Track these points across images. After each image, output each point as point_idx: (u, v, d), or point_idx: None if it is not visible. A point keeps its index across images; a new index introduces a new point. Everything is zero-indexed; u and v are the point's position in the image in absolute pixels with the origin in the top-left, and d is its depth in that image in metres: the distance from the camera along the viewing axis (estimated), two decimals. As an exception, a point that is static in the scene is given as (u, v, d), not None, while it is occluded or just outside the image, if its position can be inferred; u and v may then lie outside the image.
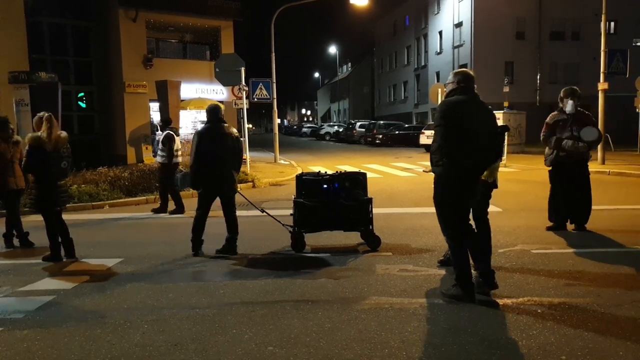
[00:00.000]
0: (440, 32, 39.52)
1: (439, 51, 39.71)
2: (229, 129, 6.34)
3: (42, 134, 5.89)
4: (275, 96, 19.22)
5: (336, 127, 48.39)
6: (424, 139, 26.16)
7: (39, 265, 5.99)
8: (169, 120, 10.50)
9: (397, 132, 33.20)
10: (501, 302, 4.40)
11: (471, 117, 4.38)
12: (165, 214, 9.43)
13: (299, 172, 8.61)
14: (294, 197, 6.42)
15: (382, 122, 38.81)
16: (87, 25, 21.54)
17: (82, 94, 21.82)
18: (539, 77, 34.24)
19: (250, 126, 63.39)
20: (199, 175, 6.22)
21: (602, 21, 16.86)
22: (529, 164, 17.27)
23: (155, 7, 20.85)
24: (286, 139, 47.59)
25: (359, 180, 6.49)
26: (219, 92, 22.68)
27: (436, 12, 40.18)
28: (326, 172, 6.74)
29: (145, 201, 10.84)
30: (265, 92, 17.75)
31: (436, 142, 4.43)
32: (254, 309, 4.38)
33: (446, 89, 4.68)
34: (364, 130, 37.31)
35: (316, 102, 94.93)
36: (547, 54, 34.17)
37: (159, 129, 9.97)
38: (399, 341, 3.66)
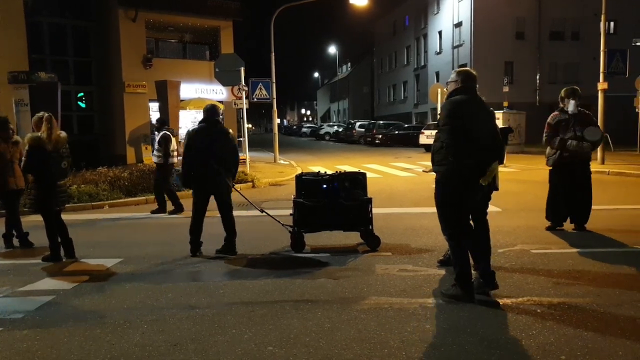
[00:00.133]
0: (439, 32, 39.54)
1: (438, 51, 39.72)
2: (223, 129, 6.32)
3: (42, 134, 5.88)
4: (274, 96, 19.22)
5: (336, 127, 48.42)
6: (423, 139, 26.20)
7: (39, 265, 5.99)
8: (164, 120, 10.49)
9: (396, 132, 33.22)
10: (501, 302, 4.40)
11: (474, 117, 4.37)
12: (164, 214, 9.44)
13: (299, 172, 8.62)
14: (293, 197, 6.42)
15: (381, 122, 38.83)
16: (87, 25, 21.56)
17: (81, 94, 21.83)
18: (538, 77, 34.26)
19: (249, 126, 63.47)
20: (189, 174, 6.24)
21: (601, 21, 16.86)
22: (528, 164, 17.28)
23: (154, 7, 20.86)
24: (286, 139, 47.62)
25: (358, 180, 6.49)
26: (218, 92, 22.69)
27: (436, 12, 40.18)
28: (326, 172, 6.74)
29: (145, 201, 10.83)
30: (264, 92, 17.76)
31: (440, 142, 4.40)
32: (253, 309, 4.38)
33: (448, 88, 4.65)
34: (363, 130, 37.35)
35: (316, 102, 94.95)
36: (547, 54, 34.19)
37: (155, 130, 9.95)
38: (398, 341, 3.66)
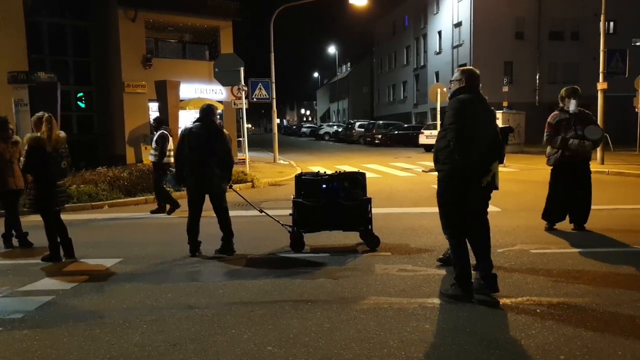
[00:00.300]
0: (439, 32, 39.54)
1: (438, 51, 39.73)
2: (219, 129, 6.29)
3: (42, 134, 5.88)
4: (274, 96, 19.22)
5: (335, 127, 48.44)
6: (423, 139, 26.22)
7: (38, 265, 5.99)
8: (162, 120, 10.46)
9: (396, 132, 33.24)
10: (500, 301, 4.40)
11: (478, 116, 4.38)
12: (163, 214, 9.44)
13: (298, 172, 8.61)
14: (293, 197, 6.42)
15: (381, 122, 38.84)
16: (86, 25, 21.55)
17: (81, 94, 21.83)
18: (538, 77, 34.28)
19: (249, 126, 63.49)
20: (181, 173, 6.27)
21: (601, 21, 16.87)
22: (528, 164, 17.28)
23: (154, 7, 20.84)
24: (285, 139, 47.63)
25: (358, 180, 6.48)
26: (218, 92, 22.67)
27: (435, 12, 40.19)
28: (325, 172, 6.74)
29: (144, 201, 10.83)
30: (264, 92, 17.75)
31: (446, 140, 4.38)
32: (253, 309, 4.38)
33: (451, 87, 4.64)
34: (363, 130, 37.38)
35: (315, 102, 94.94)
36: (547, 53, 34.21)
37: (153, 129, 9.93)
38: (398, 341, 3.66)
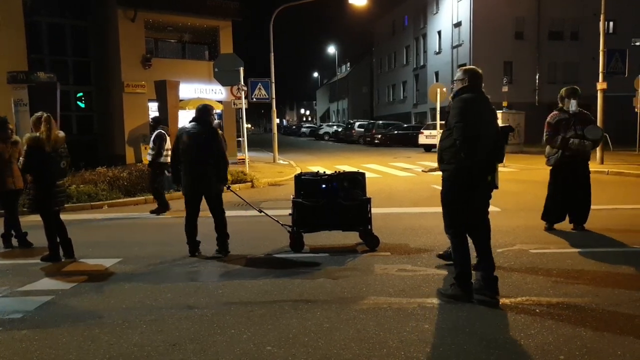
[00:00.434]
0: (439, 32, 39.54)
1: (437, 51, 39.72)
2: (212, 129, 6.26)
3: (41, 134, 5.88)
4: (274, 96, 19.21)
5: (335, 127, 48.41)
6: (422, 139, 26.22)
7: (38, 265, 5.98)
8: (159, 119, 10.44)
9: (396, 132, 33.23)
10: (500, 302, 4.40)
11: (481, 115, 4.39)
12: (163, 214, 9.43)
13: (298, 172, 8.61)
14: (292, 197, 6.42)
15: (381, 122, 38.83)
16: (86, 25, 21.57)
17: (81, 94, 21.85)
18: (538, 77, 34.28)
19: (249, 126, 63.49)
20: (178, 172, 6.30)
21: (601, 21, 16.87)
22: (528, 163, 17.28)
23: (154, 7, 20.85)
24: (285, 139, 47.63)
25: (357, 180, 6.48)
26: (217, 92, 22.68)
27: (435, 12, 40.19)
28: (325, 172, 6.74)
29: (144, 201, 10.83)
30: (264, 92, 17.74)
31: (451, 139, 4.38)
32: (252, 309, 4.38)
33: (454, 87, 4.64)
34: (362, 130, 37.36)
35: (315, 102, 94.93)
36: (546, 53, 34.21)
37: (151, 128, 9.91)
38: (397, 341, 3.66)
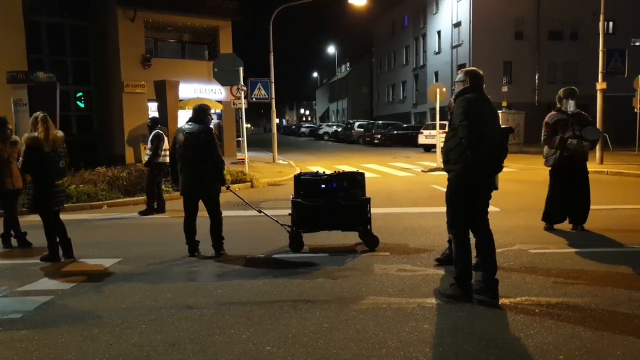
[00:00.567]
0: (438, 32, 39.54)
1: (437, 51, 39.73)
2: (208, 129, 6.23)
3: (39, 134, 5.88)
4: (273, 96, 19.22)
5: (335, 127, 48.39)
6: (422, 139, 26.22)
7: (37, 265, 5.98)
8: (157, 119, 10.43)
9: (395, 132, 33.23)
10: (499, 302, 4.40)
11: (484, 115, 4.40)
12: (162, 214, 9.43)
13: (298, 172, 8.61)
14: (292, 197, 6.42)
15: (380, 122, 38.83)
16: (86, 25, 21.56)
17: (80, 94, 21.84)
18: (537, 76, 34.29)
19: (248, 126, 63.48)
20: (176, 172, 6.31)
21: (600, 21, 16.88)
22: (527, 164, 17.28)
23: (153, 7, 20.86)
24: (285, 139, 47.63)
25: (357, 180, 6.48)
26: (217, 92, 22.69)
27: (435, 12, 40.19)
28: (324, 172, 6.74)
29: (143, 201, 10.76)
30: (263, 91, 17.75)
31: (457, 138, 4.37)
32: (251, 309, 4.38)
33: (455, 88, 4.65)
34: (362, 130, 37.36)
35: (315, 102, 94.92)
36: (546, 53, 34.21)
37: (148, 129, 9.87)
38: (396, 341, 3.66)
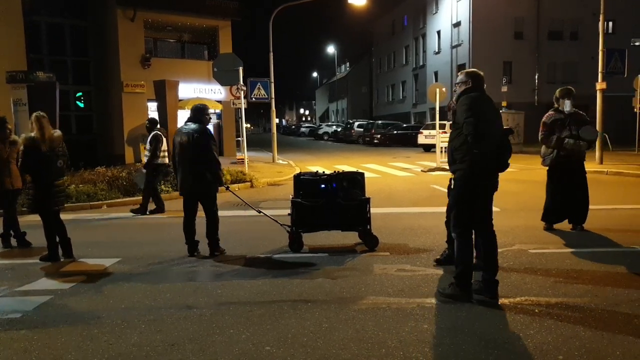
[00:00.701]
0: (438, 32, 39.55)
1: (437, 51, 39.74)
2: (201, 129, 6.17)
3: (35, 134, 5.87)
4: (273, 96, 19.21)
5: (334, 126, 48.39)
6: (422, 139, 26.22)
7: (37, 265, 5.98)
8: (156, 120, 10.41)
9: (395, 132, 33.24)
10: (499, 301, 4.40)
11: (486, 115, 4.40)
12: (162, 214, 9.43)
13: (297, 172, 8.61)
14: (291, 196, 6.42)
15: (380, 122, 38.83)
16: (85, 25, 21.54)
17: (80, 94, 21.82)
18: (537, 76, 34.29)
19: (248, 126, 63.48)
20: (176, 172, 6.33)
21: (600, 21, 16.88)
22: (527, 163, 17.26)
23: (153, 7, 20.85)
24: (284, 139, 47.64)
25: (356, 180, 6.48)
26: (217, 92, 22.69)
27: (434, 11, 40.20)
28: (324, 172, 6.74)
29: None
30: (263, 91, 17.74)
31: (460, 138, 4.37)
32: (251, 309, 4.37)
33: (456, 89, 4.66)
34: (362, 130, 37.37)
35: (314, 101, 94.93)
36: (546, 53, 34.22)
37: (147, 129, 9.85)
38: (396, 341, 3.66)
